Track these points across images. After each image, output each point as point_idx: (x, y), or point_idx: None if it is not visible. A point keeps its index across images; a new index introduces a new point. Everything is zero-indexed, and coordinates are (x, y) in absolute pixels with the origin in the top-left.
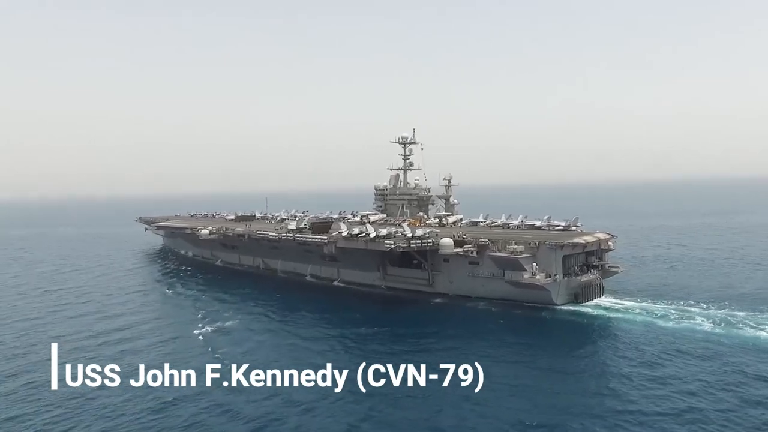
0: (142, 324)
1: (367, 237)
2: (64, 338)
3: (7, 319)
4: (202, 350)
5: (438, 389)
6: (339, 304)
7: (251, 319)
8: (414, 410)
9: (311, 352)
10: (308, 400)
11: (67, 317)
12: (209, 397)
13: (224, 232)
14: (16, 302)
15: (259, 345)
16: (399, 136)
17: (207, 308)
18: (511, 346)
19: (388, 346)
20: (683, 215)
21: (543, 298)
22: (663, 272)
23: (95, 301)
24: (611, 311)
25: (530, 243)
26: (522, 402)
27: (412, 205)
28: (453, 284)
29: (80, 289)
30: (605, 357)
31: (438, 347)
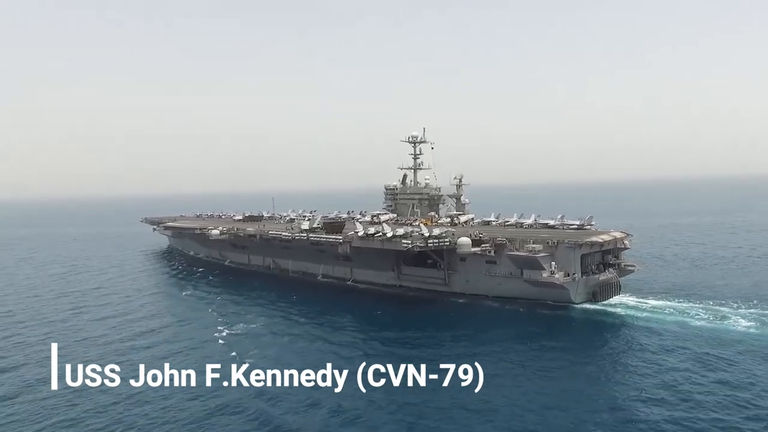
0: (166, 327)
1: (383, 236)
2: (93, 342)
3: (31, 322)
4: (229, 353)
5: (468, 389)
6: (358, 305)
7: (273, 321)
8: (443, 409)
9: (341, 355)
10: (355, 407)
11: (91, 320)
12: (249, 401)
13: (235, 232)
14: (37, 305)
15: (285, 348)
16: (409, 135)
17: (225, 310)
18: (536, 345)
19: (421, 349)
20: (691, 213)
21: (561, 296)
22: (685, 271)
23: (115, 304)
24: (638, 310)
25: (548, 242)
26: (550, 401)
27: (422, 204)
28: (469, 283)
29: (98, 290)
30: (643, 358)
31: (464, 346)
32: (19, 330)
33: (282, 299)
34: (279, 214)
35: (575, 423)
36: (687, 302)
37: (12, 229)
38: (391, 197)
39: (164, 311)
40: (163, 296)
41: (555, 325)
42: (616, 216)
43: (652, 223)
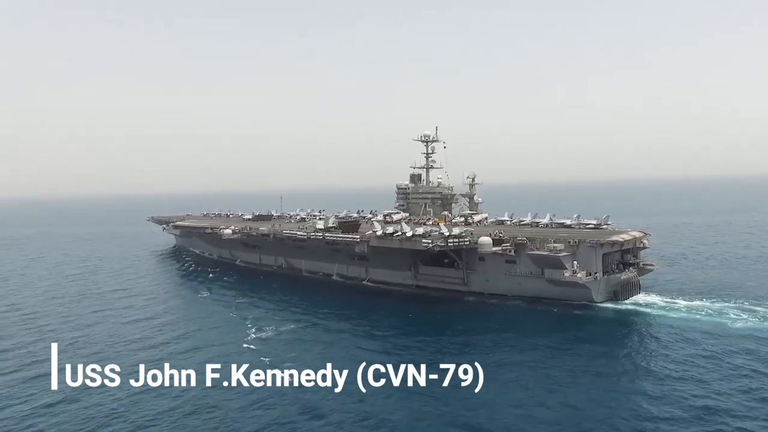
0: (196, 331)
1: (403, 236)
2: (129, 345)
3: (64, 326)
4: (265, 358)
5: (498, 388)
6: (382, 306)
7: (301, 324)
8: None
9: (381, 359)
10: (399, 417)
11: (121, 323)
12: (299, 406)
13: (248, 231)
14: (60, 308)
15: (320, 351)
16: (421, 134)
17: (248, 313)
18: (563, 345)
19: (455, 349)
20: (699, 212)
21: (583, 296)
22: (706, 270)
23: (139, 307)
24: (659, 309)
25: (570, 241)
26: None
27: (435, 204)
28: (489, 283)
29: (117, 292)
30: (672, 359)
31: (492, 345)
32: (50, 334)
33: (304, 300)
34: (288, 213)
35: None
36: (708, 301)
37: (14, 228)
38: (403, 196)
39: (187, 314)
40: (183, 299)
41: (580, 324)
42: (626, 215)
43: (665, 223)
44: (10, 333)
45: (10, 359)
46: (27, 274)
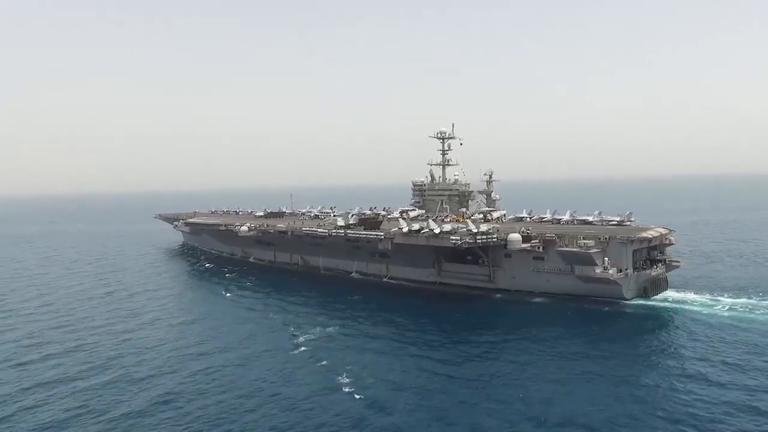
0: (242, 336)
1: (430, 233)
2: (182, 352)
3: (100, 329)
4: (324, 364)
5: (537, 386)
6: (410, 305)
7: (339, 325)
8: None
9: (433, 360)
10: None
11: (161, 326)
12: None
13: (265, 228)
14: (88, 308)
15: (370, 354)
16: (437, 131)
17: (285, 314)
18: (603, 342)
19: (498, 347)
20: (713, 211)
21: (613, 292)
22: (734, 267)
23: (172, 308)
24: (691, 305)
25: (600, 237)
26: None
27: (452, 200)
28: (515, 280)
29: (145, 294)
30: (718, 355)
31: (529, 343)
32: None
33: (334, 300)
34: (299, 210)
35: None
36: (742, 297)
37: (18, 226)
38: (419, 193)
39: (223, 317)
40: (212, 301)
41: (614, 321)
42: (637, 214)
43: (683, 221)
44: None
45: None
46: (48, 272)
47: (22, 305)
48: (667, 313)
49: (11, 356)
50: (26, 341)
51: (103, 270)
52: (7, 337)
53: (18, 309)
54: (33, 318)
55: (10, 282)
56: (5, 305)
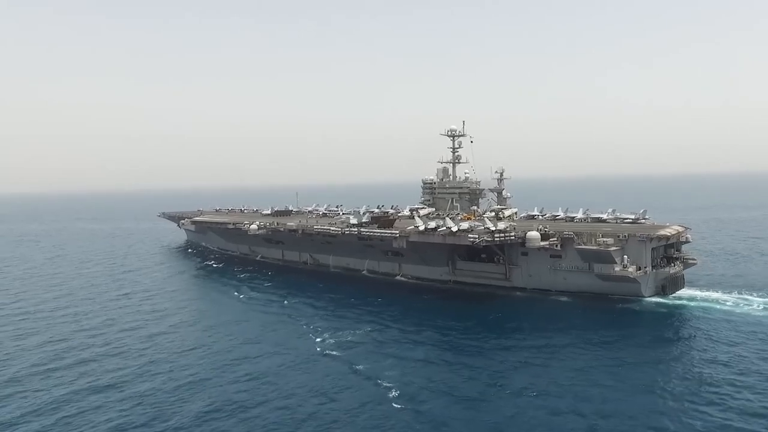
0: (265, 340)
1: (447, 231)
2: (209, 357)
3: (133, 333)
4: (356, 368)
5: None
6: (428, 303)
7: (369, 327)
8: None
9: (475, 368)
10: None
11: (186, 330)
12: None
13: (275, 227)
14: (115, 314)
15: (413, 361)
16: (448, 129)
17: (304, 316)
18: (627, 340)
19: (525, 347)
20: (723, 208)
21: (632, 290)
22: (747, 264)
23: (193, 310)
24: (712, 302)
25: (619, 235)
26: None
27: (463, 198)
28: (532, 278)
29: (162, 295)
30: (740, 353)
31: (555, 342)
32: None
33: (352, 299)
34: (305, 209)
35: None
36: (757, 295)
37: (21, 224)
38: (429, 191)
39: (244, 320)
40: (229, 302)
41: (635, 319)
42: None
43: (695, 218)
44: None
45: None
46: (60, 272)
47: (41, 307)
48: (688, 310)
49: (43, 361)
50: (53, 346)
51: (116, 270)
52: (34, 341)
53: (37, 311)
54: (55, 321)
55: (24, 282)
56: (23, 307)
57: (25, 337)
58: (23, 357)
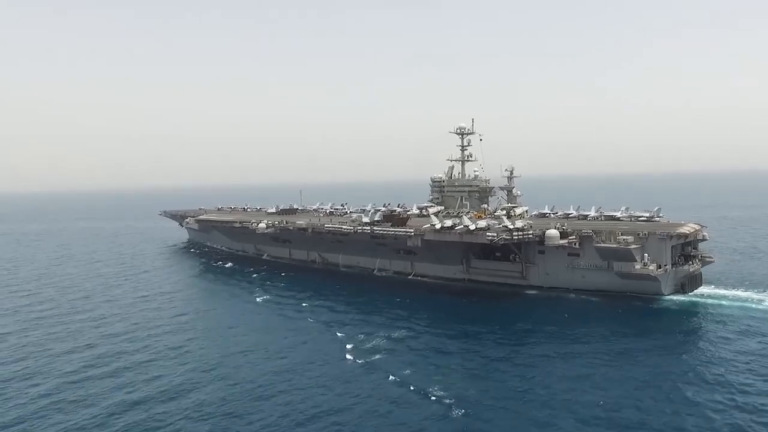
0: (294, 347)
1: (465, 229)
2: (245, 366)
3: (163, 341)
4: (389, 376)
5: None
6: (447, 303)
7: (396, 329)
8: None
9: (526, 379)
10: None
11: (215, 337)
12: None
13: (284, 225)
14: (139, 318)
15: (455, 369)
16: (457, 127)
17: (326, 319)
18: (650, 339)
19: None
20: (733, 207)
21: (651, 288)
22: (764, 262)
23: (215, 314)
24: (736, 300)
25: (639, 233)
26: None
27: (472, 197)
28: (549, 276)
29: (181, 298)
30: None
31: (580, 342)
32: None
33: (370, 300)
34: (310, 207)
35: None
36: None
37: (19, 224)
38: (437, 189)
39: (267, 324)
40: (247, 305)
41: (657, 318)
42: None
43: (708, 216)
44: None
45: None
46: (71, 274)
47: (57, 311)
48: (709, 308)
49: (78, 369)
50: (81, 353)
51: (129, 271)
52: (63, 347)
53: (55, 316)
54: (80, 326)
55: (38, 286)
56: (40, 311)
57: (52, 342)
58: (55, 365)
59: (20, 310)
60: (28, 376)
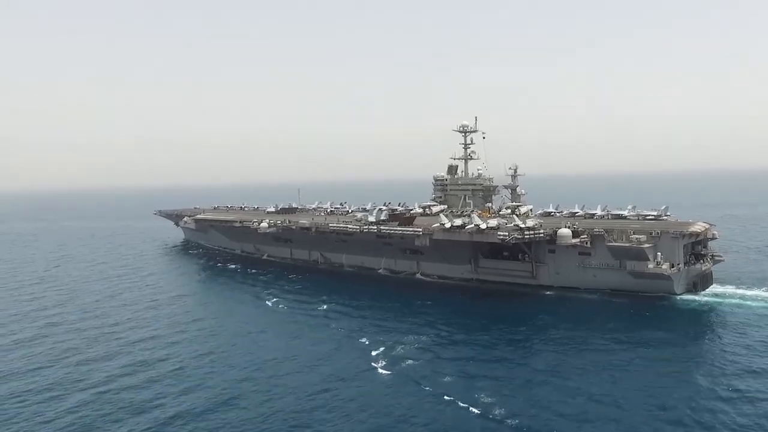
0: (323, 357)
1: (475, 228)
2: (272, 378)
3: (181, 347)
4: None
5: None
6: (478, 306)
7: (418, 335)
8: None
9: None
10: None
11: (235, 345)
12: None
13: (287, 225)
14: (153, 324)
15: (499, 379)
16: (460, 125)
17: (344, 324)
18: (670, 339)
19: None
20: (734, 206)
21: (664, 288)
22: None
23: (231, 320)
24: (749, 299)
25: (652, 232)
26: None
27: (476, 195)
28: (560, 276)
29: (191, 301)
30: None
31: (601, 342)
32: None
33: (388, 302)
34: (309, 206)
35: None
36: None
37: (11, 223)
38: (440, 188)
39: (286, 330)
40: (262, 309)
41: (682, 316)
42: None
43: (711, 215)
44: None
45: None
46: (75, 276)
47: (68, 318)
48: (722, 307)
49: (104, 380)
50: (101, 363)
51: (136, 274)
52: (80, 357)
53: (67, 323)
54: (94, 333)
55: (42, 289)
56: (48, 316)
57: (70, 351)
58: (78, 376)
59: (30, 316)
60: (49, 388)
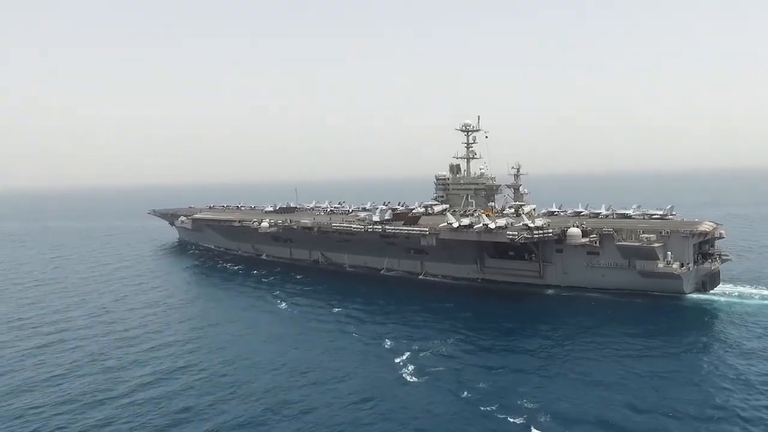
0: (346, 366)
1: (483, 228)
2: (295, 389)
3: (195, 353)
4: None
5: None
6: (492, 306)
7: (439, 339)
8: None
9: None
10: None
11: (256, 351)
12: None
13: (288, 224)
14: (164, 329)
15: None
16: (462, 124)
17: (360, 328)
18: (686, 339)
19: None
20: (741, 205)
21: (673, 287)
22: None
23: (245, 325)
24: (760, 298)
25: (661, 231)
26: None
27: (478, 195)
28: (567, 275)
29: (199, 305)
30: None
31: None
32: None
33: (400, 303)
34: (307, 206)
35: None
36: None
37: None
38: (442, 187)
39: (309, 339)
40: (274, 313)
41: (693, 316)
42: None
43: (710, 214)
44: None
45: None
46: (75, 278)
47: (74, 324)
48: (732, 306)
49: (126, 392)
50: (117, 372)
51: (139, 277)
52: (95, 367)
53: (74, 329)
54: (105, 341)
55: (44, 292)
56: (51, 319)
57: (84, 362)
58: (95, 386)
59: (35, 321)
60: (70, 401)
